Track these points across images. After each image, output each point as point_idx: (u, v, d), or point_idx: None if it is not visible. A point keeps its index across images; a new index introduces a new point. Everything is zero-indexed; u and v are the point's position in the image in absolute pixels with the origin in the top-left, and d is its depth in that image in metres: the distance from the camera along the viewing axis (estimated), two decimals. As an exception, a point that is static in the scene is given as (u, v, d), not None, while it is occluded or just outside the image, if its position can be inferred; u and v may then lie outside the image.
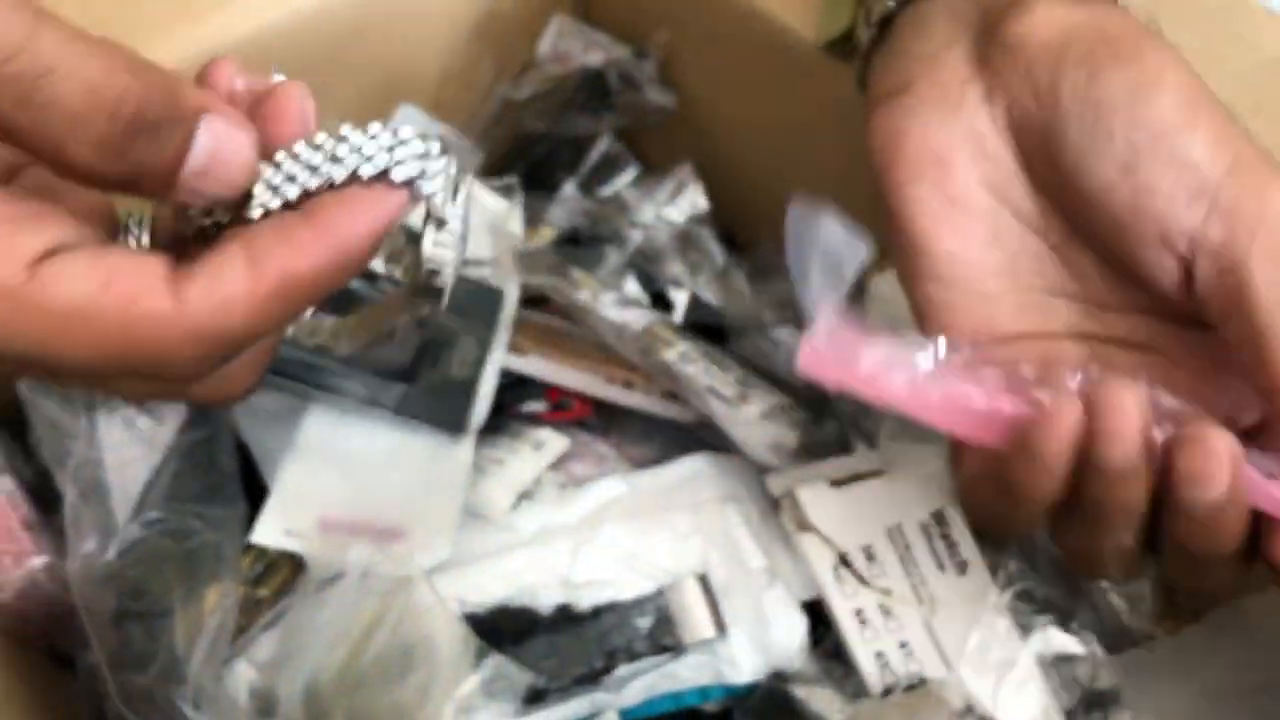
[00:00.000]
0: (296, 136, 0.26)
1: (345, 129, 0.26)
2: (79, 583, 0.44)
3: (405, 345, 0.53)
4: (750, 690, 0.48)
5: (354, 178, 0.25)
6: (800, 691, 0.48)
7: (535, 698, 0.47)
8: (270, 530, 0.48)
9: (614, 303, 0.56)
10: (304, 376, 0.51)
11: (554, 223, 0.61)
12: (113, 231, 0.27)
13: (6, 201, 0.24)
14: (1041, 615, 0.49)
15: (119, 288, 0.23)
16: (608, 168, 0.63)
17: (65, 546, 0.47)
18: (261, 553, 0.50)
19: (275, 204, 0.25)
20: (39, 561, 0.46)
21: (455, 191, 0.28)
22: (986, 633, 0.48)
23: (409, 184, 0.26)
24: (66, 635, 0.48)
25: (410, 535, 0.49)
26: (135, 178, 0.24)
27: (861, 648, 0.48)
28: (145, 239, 0.28)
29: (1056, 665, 0.48)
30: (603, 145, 0.63)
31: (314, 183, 0.25)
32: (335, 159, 0.26)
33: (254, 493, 0.50)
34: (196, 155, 0.24)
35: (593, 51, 0.60)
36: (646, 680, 0.48)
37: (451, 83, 0.62)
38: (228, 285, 0.24)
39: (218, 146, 0.24)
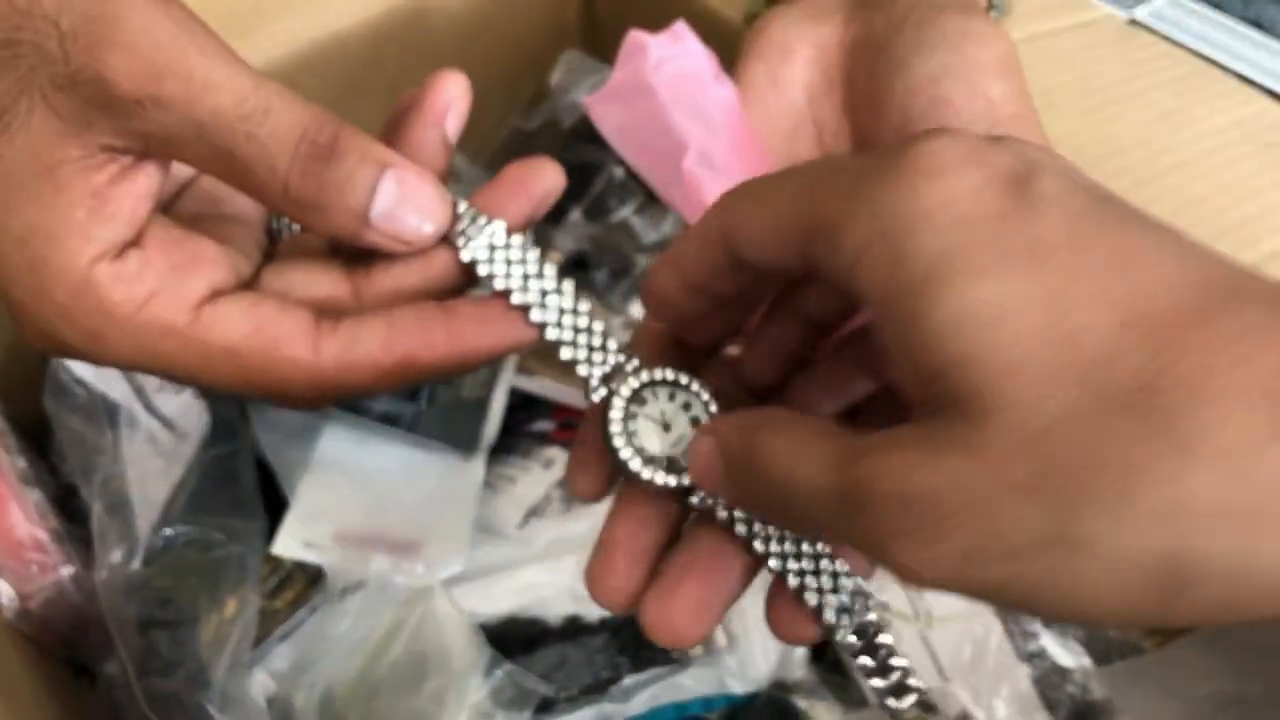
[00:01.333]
0: (442, 126, 0.30)
1: (550, 270, 0.28)
2: (106, 592, 0.46)
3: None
4: (752, 700, 0.50)
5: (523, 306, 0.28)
6: (801, 702, 0.49)
7: (544, 706, 0.49)
8: (290, 542, 0.49)
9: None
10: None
11: (561, 248, 0.63)
12: (266, 226, 0.31)
13: (176, 246, 0.27)
14: (1033, 629, 0.50)
15: (266, 333, 0.27)
16: (614, 195, 0.65)
17: (91, 557, 0.48)
18: (276, 566, 0.51)
19: (465, 259, 0.28)
20: (67, 571, 0.47)
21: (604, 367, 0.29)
22: (980, 645, 0.50)
23: (559, 345, 0.28)
24: (88, 644, 0.49)
25: (425, 549, 0.50)
26: (324, 203, 0.27)
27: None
28: (295, 226, 0.31)
29: (1048, 677, 0.50)
30: (609, 174, 0.65)
31: (499, 283, 0.28)
32: (525, 287, 0.28)
33: (273, 507, 0.51)
34: (384, 197, 0.27)
35: (601, 84, 0.62)
36: (652, 690, 0.50)
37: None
38: (359, 351, 0.27)
39: (404, 193, 0.28)
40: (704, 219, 0.26)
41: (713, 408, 0.28)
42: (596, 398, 0.28)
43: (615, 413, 0.28)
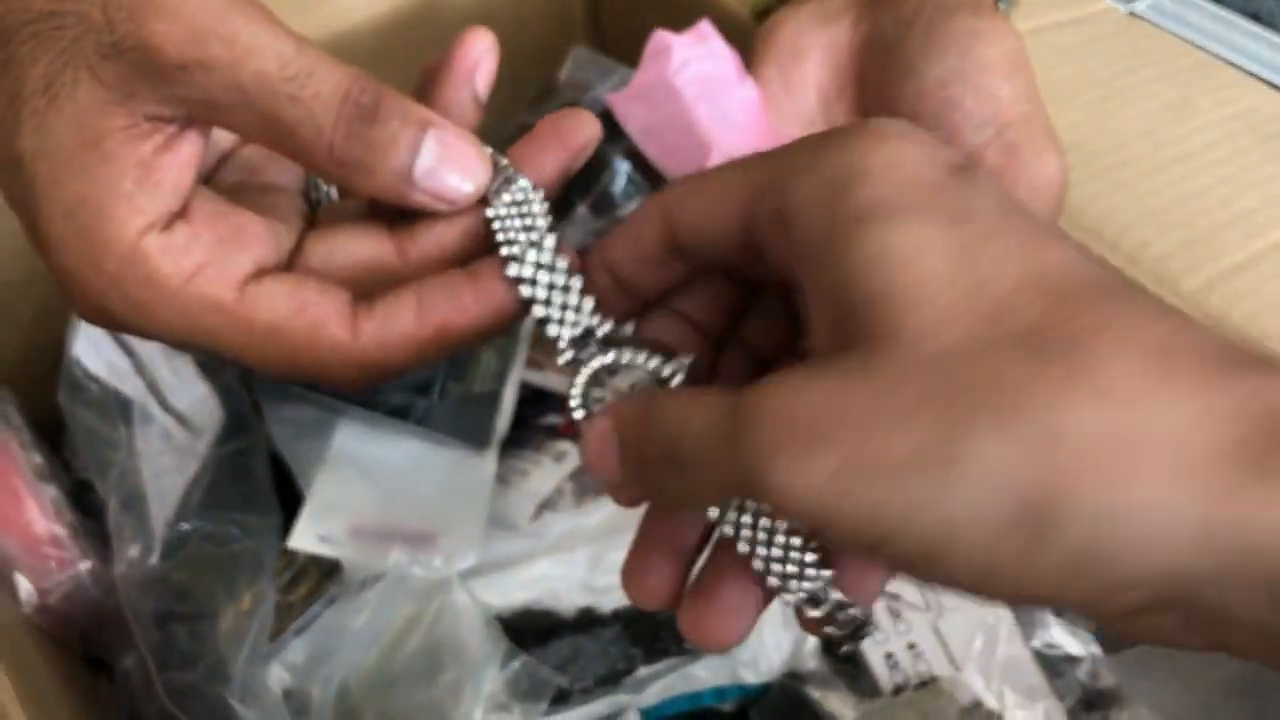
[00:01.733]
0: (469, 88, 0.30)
1: (550, 241, 0.28)
2: (125, 586, 0.46)
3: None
4: (765, 690, 0.50)
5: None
6: (814, 692, 0.50)
7: (560, 698, 0.49)
8: (306, 536, 0.50)
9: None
10: (334, 390, 0.53)
11: (568, 242, 0.63)
12: (305, 193, 0.32)
13: (222, 220, 0.28)
14: (1043, 618, 0.51)
15: (309, 314, 0.27)
16: (620, 191, 0.65)
17: (107, 552, 0.48)
18: (291, 560, 0.52)
19: (489, 214, 0.28)
20: (84, 566, 0.48)
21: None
22: (990, 634, 0.50)
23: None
24: (105, 639, 0.49)
25: (438, 542, 0.51)
26: (369, 164, 0.27)
27: (872, 649, 0.50)
28: (334, 194, 0.32)
29: (1058, 665, 0.50)
30: (615, 170, 0.65)
31: (500, 235, 0.28)
32: (516, 240, 0.28)
33: (287, 501, 0.52)
34: (426, 157, 0.27)
35: (609, 80, 0.62)
36: (665, 681, 0.50)
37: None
38: (395, 328, 0.28)
39: (445, 152, 0.27)
40: (640, 209, 0.27)
41: (678, 379, 0.28)
42: (562, 361, 0.28)
43: (579, 379, 0.27)
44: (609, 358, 0.28)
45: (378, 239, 0.29)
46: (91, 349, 0.52)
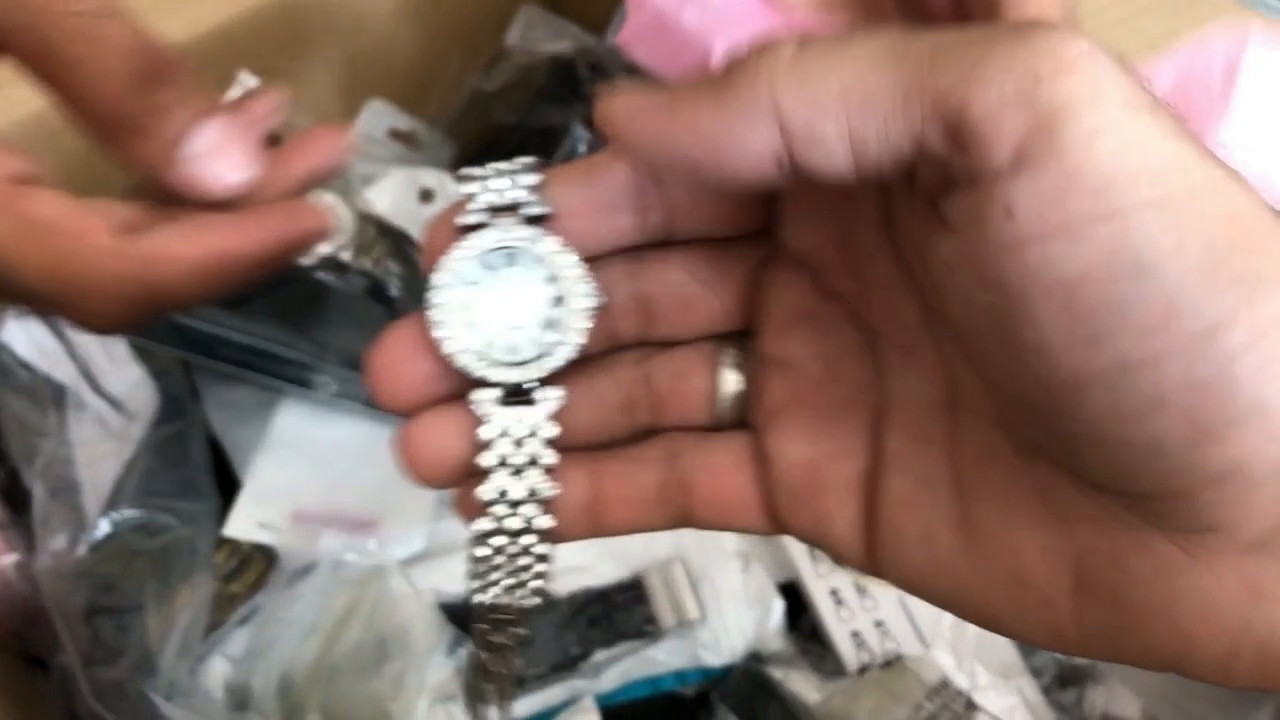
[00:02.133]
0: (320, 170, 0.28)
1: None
2: (49, 580, 0.44)
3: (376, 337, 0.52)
4: (727, 673, 0.48)
5: None
6: (777, 673, 0.48)
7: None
8: (243, 523, 0.48)
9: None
10: (275, 371, 0.50)
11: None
12: None
13: None
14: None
15: (81, 219, 0.26)
16: (580, 156, 0.63)
17: (34, 544, 0.46)
18: (234, 549, 0.50)
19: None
20: (9, 560, 0.46)
21: None
22: (962, 610, 0.48)
23: None
24: (38, 635, 0.48)
25: (384, 526, 0.49)
26: (143, 127, 0.25)
27: (837, 627, 0.48)
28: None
29: (1032, 641, 0.48)
30: (575, 135, 0.63)
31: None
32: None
33: (226, 487, 0.50)
34: (199, 139, 0.26)
35: (562, 41, 0.59)
36: (624, 665, 0.48)
37: (420, 74, 0.62)
38: (171, 246, 0.26)
39: (220, 144, 0.26)
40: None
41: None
42: (472, 220, 0.22)
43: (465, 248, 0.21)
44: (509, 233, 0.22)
45: (145, 207, 0.28)
46: (21, 334, 0.50)
